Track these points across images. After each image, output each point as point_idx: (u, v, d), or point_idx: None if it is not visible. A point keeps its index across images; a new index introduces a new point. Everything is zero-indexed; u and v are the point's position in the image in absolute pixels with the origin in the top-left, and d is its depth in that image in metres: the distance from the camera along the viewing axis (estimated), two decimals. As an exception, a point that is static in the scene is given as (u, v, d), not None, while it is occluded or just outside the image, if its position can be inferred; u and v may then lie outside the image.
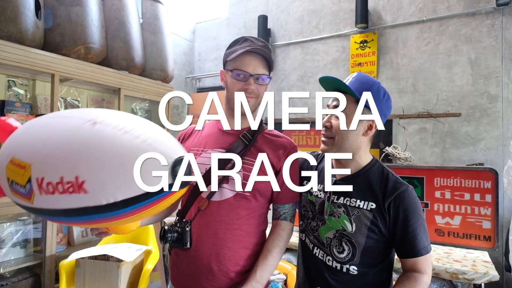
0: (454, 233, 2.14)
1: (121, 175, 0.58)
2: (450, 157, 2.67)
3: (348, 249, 0.96)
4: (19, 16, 1.86)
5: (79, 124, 0.64)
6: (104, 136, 0.61)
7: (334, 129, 0.98)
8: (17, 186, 0.66)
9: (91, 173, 0.59)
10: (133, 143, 0.60)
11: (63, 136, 0.64)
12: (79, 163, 0.60)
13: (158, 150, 0.61)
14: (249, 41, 1.04)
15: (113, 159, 0.59)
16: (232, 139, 1.07)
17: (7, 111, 1.97)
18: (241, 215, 1.02)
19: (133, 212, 0.61)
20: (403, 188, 0.94)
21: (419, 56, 2.84)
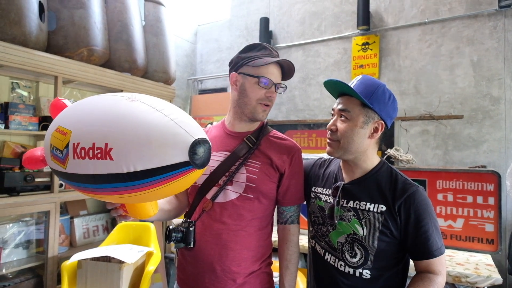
0: (457, 236, 2.13)
1: (144, 147, 0.62)
2: (453, 160, 2.66)
3: (361, 253, 0.95)
4: (23, 19, 1.88)
5: (118, 99, 0.71)
6: (138, 111, 0.66)
7: (340, 132, 0.98)
8: (56, 151, 0.72)
9: (118, 142, 0.63)
10: (161, 120, 0.65)
11: (103, 108, 0.70)
12: (111, 131, 0.64)
13: (182, 128, 0.65)
14: (268, 49, 1.08)
15: (140, 131, 0.63)
16: (236, 142, 1.09)
17: (10, 113, 1.99)
18: (245, 216, 1.03)
19: (151, 185, 0.64)
20: (413, 189, 0.93)
21: (421, 58, 2.84)
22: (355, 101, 0.98)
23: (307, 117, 3.33)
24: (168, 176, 0.63)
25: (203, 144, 0.65)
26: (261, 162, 1.05)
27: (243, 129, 1.11)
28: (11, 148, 2.07)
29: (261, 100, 1.05)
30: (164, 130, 0.64)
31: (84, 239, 2.43)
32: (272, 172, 1.06)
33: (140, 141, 0.62)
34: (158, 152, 0.62)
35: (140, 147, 0.62)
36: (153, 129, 0.63)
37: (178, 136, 0.64)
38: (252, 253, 1.04)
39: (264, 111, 1.06)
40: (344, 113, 0.98)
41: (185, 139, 0.64)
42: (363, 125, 0.97)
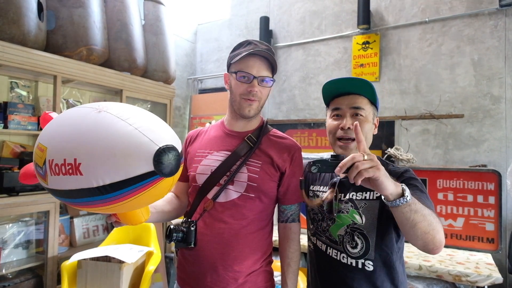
0: (457, 235, 2.13)
1: (109, 160, 0.61)
2: (453, 159, 2.65)
3: (361, 242, 0.97)
4: (22, 18, 1.87)
5: (87, 112, 0.70)
6: (103, 123, 0.65)
7: None
8: (38, 168, 0.72)
9: (86, 156, 0.62)
10: (125, 130, 0.63)
11: (72, 122, 0.70)
12: (79, 146, 0.64)
13: (146, 137, 0.63)
14: (253, 44, 1.06)
15: (105, 143, 0.62)
16: (237, 141, 1.08)
17: (9, 113, 1.98)
18: (246, 215, 1.03)
19: (122, 197, 0.63)
20: (404, 169, 0.99)
21: (421, 57, 2.83)
22: (365, 99, 1.02)
23: (307, 117, 3.33)
24: (136, 187, 0.62)
25: (168, 151, 0.63)
26: (262, 162, 1.05)
27: (243, 129, 1.11)
28: (10, 148, 2.07)
29: (243, 95, 1.04)
30: (128, 140, 0.62)
31: (84, 239, 2.42)
32: (273, 171, 1.06)
33: (105, 154, 0.61)
34: (123, 164, 0.61)
35: (106, 160, 0.61)
36: (117, 140, 0.62)
37: (142, 145, 0.62)
38: (253, 252, 1.04)
39: (249, 105, 1.04)
40: (359, 110, 1.02)
41: (149, 148, 0.62)
42: (372, 121, 1.04)
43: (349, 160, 0.72)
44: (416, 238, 0.80)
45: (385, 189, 0.74)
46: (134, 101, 3.03)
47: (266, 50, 1.04)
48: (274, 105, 3.55)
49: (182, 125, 3.94)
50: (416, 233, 0.78)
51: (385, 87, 2.97)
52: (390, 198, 0.76)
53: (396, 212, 0.78)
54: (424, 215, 0.78)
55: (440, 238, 0.81)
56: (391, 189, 0.74)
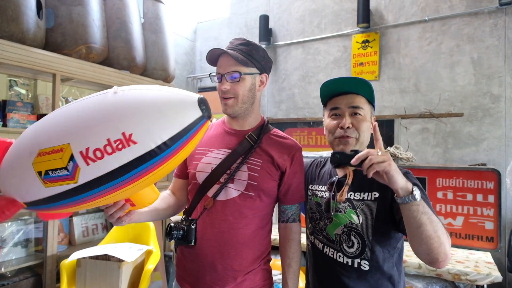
0: (457, 234, 2.13)
1: (161, 118, 0.66)
2: (452, 158, 2.66)
3: (358, 242, 0.98)
4: (21, 16, 1.86)
5: (102, 96, 0.71)
6: (133, 96, 0.69)
7: (357, 129, 1.02)
8: (55, 172, 0.68)
9: (136, 125, 0.65)
10: (161, 94, 0.69)
11: (92, 108, 0.70)
12: (121, 120, 0.65)
13: (181, 94, 0.70)
14: (229, 43, 1.07)
15: (150, 108, 0.66)
16: (237, 139, 1.08)
17: (8, 111, 1.97)
18: (246, 214, 1.03)
19: (180, 148, 0.68)
20: (403, 171, 0.98)
21: (421, 56, 2.83)
22: (363, 98, 1.04)
23: (307, 115, 3.33)
24: (190, 134, 0.69)
25: (203, 99, 0.72)
26: (263, 160, 1.05)
27: (242, 127, 1.11)
28: (9, 146, 2.06)
29: (220, 94, 1.07)
30: (169, 99, 0.68)
31: (83, 238, 2.42)
32: (273, 170, 1.06)
33: (156, 115, 0.66)
34: (175, 118, 0.67)
35: (158, 120, 0.66)
36: (160, 101, 0.68)
37: (183, 99, 0.69)
38: (253, 251, 1.04)
39: (225, 104, 1.06)
40: (358, 110, 1.03)
41: (190, 99, 0.70)
42: (370, 120, 1.05)
43: (364, 153, 0.79)
44: (421, 242, 0.79)
45: (395, 183, 0.78)
46: (134, 99, 3.03)
47: (235, 46, 1.04)
48: (274, 103, 3.55)
49: (182, 124, 3.93)
50: (421, 235, 0.78)
51: (384, 86, 2.97)
52: (400, 194, 0.79)
53: (404, 209, 0.80)
54: (431, 220, 0.79)
55: (445, 250, 0.80)
56: (401, 183, 0.79)
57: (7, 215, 0.75)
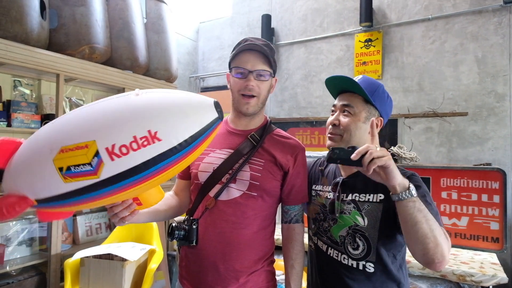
0: (461, 234, 2.11)
1: (184, 118, 0.72)
2: (457, 157, 2.64)
3: (363, 244, 0.97)
4: (24, 17, 1.87)
5: (125, 98, 0.76)
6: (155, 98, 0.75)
7: (343, 127, 1.02)
8: (78, 168, 0.71)
9: (161, 123, 0.70)
10: (181, 97, 0.76)
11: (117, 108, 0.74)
12: (146, 119, 0.71)
13: (198, 96, 0.76)
14: (249, 40, 1.06)
15: (173, 108, 0.72)
16: (240, 139, 1.08)
17: (13, 111, 1.99)
18: (248, 214, 1.02)
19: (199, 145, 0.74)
20: (409, 173, 0.98)
21: (424, 54, 2.81)
22: (358, 97, 1.02)
23: (309, 115, 3.32)
24: (208, 132, 0.75)
25: (217, 102, 0.78)
26: (265, 160, 1.04)
27: (246, 127, 1.10)
28: (14, 146, 2.07)
29: (241, 91, 1.04)
30: (190, 101, 0.75)
31: (87, 237, 2.43)
32: (276, 170, 1.05)
33: (179, 115, 0.72)
34: (196, 117, 0.73)
35: (181, 120, 0.72)
36: (182, 102, 0.74)
37: (201, 101, 0.76)
38: (255, 252, 1.03)
39: (247, 103, 1.03)
40: (348, 108, 1.02)
41: (208, 102, 0.76)
42: (365, 120, 1.02)
43: (364, 148, 0.78)
44: (416, 240, 0.78)
45: (394, 178, 0.78)
46: (137, 99, 3.03)
47: (261, 44, 1.03)
48: (276, 103, 3.55)
49: (185, 124, 3.94)
50: (417, 234, 0.77)
51: (387, 85, 2.96)
52: (397, 190, 0.78)
53: (400, 207, 0.79)
54: (427, 218, 0.78)
55: (443, 252, 0.78)
56: (399, 179, 0.78)
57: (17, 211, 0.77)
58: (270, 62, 1.05)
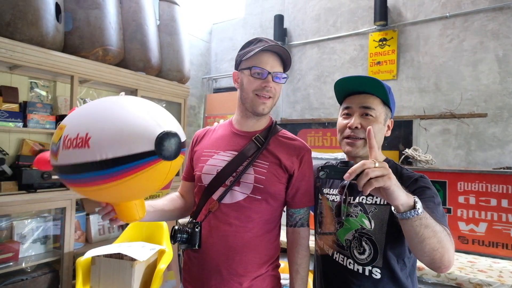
0: (479, 241, 2.02)
1: (117, 134, 0.65)
2: (476, 160, 2.53)
3: (369, 248, 0.94)
4: (40, 20, 1.92)
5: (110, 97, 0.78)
6: (120, 103, 0.72)
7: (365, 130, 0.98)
8: (53, 146, 0.77)
9: (96, 130, 0.67)
10: (137, 111, 0.69)
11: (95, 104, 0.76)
12: (93, 121, 0.69)
13: (155, 120, 0.68)
14: (264, 41, 1.04)
15: (116, 119, 0.67)
16: (244, 141, 1.06)
17: (28, 112, 2.04)
18: (252, 218, 1.00)
19: (121, 174, 0.66)
20: (418, 175, 0.94)
21: (442, 54, 2.72)
22: (377, 99, 0.99)
23: (322, 116, 3.27)
24: (135, 165, 0.65)
25: (171, 136, 0.67)
26: (270, 163, 1.02)
27: (251, 128, 1.08)
28: (30, 146, 2.13)
29: (257, 91, 1.01)
30: (137, 120, 0.67)
31: (99, 236, 2.47)
32: (281, 173, 1.03)
33: (114, 128, 0.66)
34: (127, 140, 0.65)
35: (112, 135, 0.66)
36: (127, 118, 0.67)
37: (148, 126, 0.66)
38: (259, 256, 1.01)
39: (263, 103, 1.02)
40: (369, 110, 0.99)
41: (154, 130, 0.66)
42: (384, 122, 1.00)
43: (359, 166, 0.68)
44: (423, 254, 0.75)
45: (396, 199, 0.70)
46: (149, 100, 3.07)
47: (281, 47, 1.02)
48: (289, 104, 3.52)
49: (197, 124, 3.96)
50: (424, 249, 0.73)
51: (403, 85, 2.88)
52: (400, 210, 0.72)
53: (405, 225, 0.74)
54: (435, 231, 0.73)
55: (449, 257, 0.75)
56: (402, 199, 0.70)
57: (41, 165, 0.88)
58: (287, 66, 1.05)
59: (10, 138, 2.12)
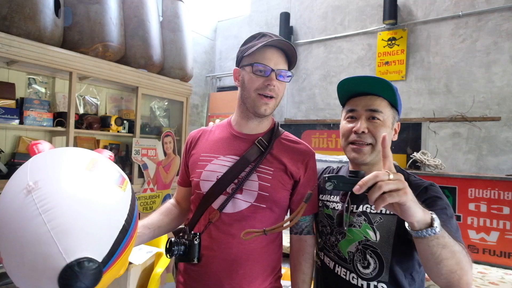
0: (490, 250, 1.93)
1: (19, 268, 0.53)
2: (487, 165, 2.43)
3: (374, 262, 0.86)
4: (38, 14, 1.87)
5: (18, 190, 0.58)
6: (22, 216, 0.55)
7: (374, 134, 0.90)
8: None
9: (4, 255, 0.56)
10: (37, 232, 0.52)
11: (3, 204, 0.59)
12: (1, 241, 0.56)
13: (57, 245, 0.51)
14: (268, 36, 0.95)
15: (16, 248, 0.53)
16: (246, 145, 0.98)
17: (25, 109, 2.00)
18: (256, 228, 0.92)
19: None
20: (427, 184, 0.86)
21: (453, 54, 2.62)
22: (384, 101, 0.91)
23: (327, 117, 3.19)
24: None
25: (80, 268, 0.51)
26: (275, 168, 0.95)
27: (252, 131, 1.00)
28: (26, 143, 2.09)
29: (259, 90, 0.92)
30: (36, 248, 0.51)
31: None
32: (287, 179, 0.95)
33: (16, 260, 0.53)
34: (30, 278, 0.52)
35: (16, 267, 0.54)
36: (27, 246, 0.52)
37: (48, 258, 0.51)
38: (263, 268, 0.94)
39: (265, 104, 0.93)
40: (376, 113, 0.90)
41: (55, 265, 0.50)
42: (392, 126, 0.93)
43: (371, 178, 0.60)
44: (440, 276, 0.67)
45: (411, 216, 0.62)
46: (151, 98, 3.02)
47: (286, 42, 0.93)
48: (293, 104, 3.44)
49: (200, 123, 3.91)
50: (441, 271, 0.66)
51: (412, 87, 2.78)
52: (415, 227, 0.64)
53: (420, 244, 0.66)
54: (453, 252, 0.65)
55: (468, 280, 0.68)
56: (418, 216, 0.62)
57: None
58: (292, 63, 0.96)
59: (7, 135, 2.08)
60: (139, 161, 2.57)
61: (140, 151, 2.57)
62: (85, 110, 2.48)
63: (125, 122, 2.58)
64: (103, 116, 2.51)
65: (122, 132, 2.56)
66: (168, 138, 2.83)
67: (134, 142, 2.55)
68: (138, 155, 2.56)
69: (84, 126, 2.31)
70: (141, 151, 2.58)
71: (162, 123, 3.12)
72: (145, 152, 2.62)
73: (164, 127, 3.08)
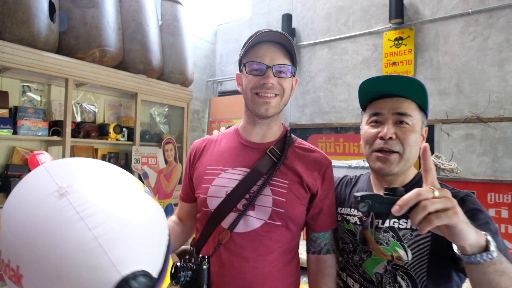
0: (514, 259, 1.82)
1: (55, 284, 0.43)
2: (503, 168, 2.33)
3: (407, 285, 0.76)
4: (31, 19, 1.78)
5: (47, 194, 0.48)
6: (57, 220, 0.46)
7: (402, 141, 0.80)
8: None
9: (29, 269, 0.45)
10: (81, 240, 0.44)
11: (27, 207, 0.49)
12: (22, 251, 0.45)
13: (107, 255, 0.43)
14: (264, 32, 0.86)
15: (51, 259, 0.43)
16: (257, 155, 0.88)
17: (19, 118, 1.90)
18: (272, 248, 0.83)
19: None
20: (463, 194, 0.76)
21: (463, 53, 2.52)
22: (412, 103, 0.82)
23: (333, 120, 3.09)
24: None
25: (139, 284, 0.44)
26: (289, 181, 0.85)
27: (263, 139, 0.90)
28: (21, 154, 1.99)
29: (255, 89, 0.83)
30: (80, 259, 0.42)
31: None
32: (303, 193, 0.85)
33: (51, 274, 0.43)
34: None
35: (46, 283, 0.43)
36: (66, 256, 0.43)
37: (97, 271, 0.43)
38: None
39: (266, 103, 0.83)
40: (405, 117, 0.80)
41: (107, 278, 0.43)
42: (421, 131, 0.83)
43: (413, 196, 0.51)
44: None
45: (463, 240, 0.53)
46: (151, 104, 2.93)
47: (281, 34, 0.84)
48: (297, 107, 3.34)
49: (201, 129, 3.81)
50: None
51: (421, 87, 2.68)
52: (467, 251, 0.54)
53: (474, 271, 0.56)
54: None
55: None
56: (471, 239, 0.53)
57: None
58: (292, 56, 0.86)
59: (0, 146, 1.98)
60: (139, 170, 2.47)
61: (140, 159, 2.48)
62: (82, 118, 2.38)
63: (124, 130, 2.48)
64: (101, 124, 2.42)
65: (121, 140, 2.47)
66: (169, 145, 2.73)
67: (134, 150, 2.46)
68: (138, 163, 2.46)
69: (81, 134, 2.22)
70: (141, 160, 2.48)
71: (162, 130, 3.02)
72: (145, 161, 2.52)
73: (165, 134, 2.98)
